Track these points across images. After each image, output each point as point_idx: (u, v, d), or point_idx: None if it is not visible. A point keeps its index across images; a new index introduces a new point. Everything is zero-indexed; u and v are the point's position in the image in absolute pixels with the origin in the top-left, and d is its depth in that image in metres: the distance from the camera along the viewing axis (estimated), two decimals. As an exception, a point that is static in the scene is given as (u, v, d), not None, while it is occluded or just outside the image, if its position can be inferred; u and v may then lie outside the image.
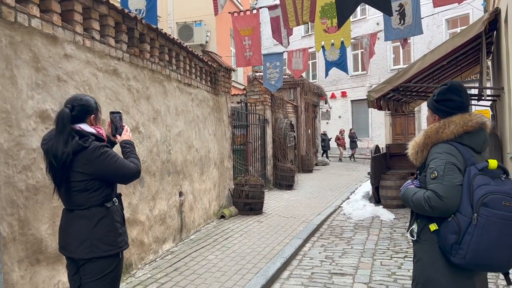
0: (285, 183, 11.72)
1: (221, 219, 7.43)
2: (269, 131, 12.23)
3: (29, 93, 3.05)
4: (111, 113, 2.73)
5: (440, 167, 2.13)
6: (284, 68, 10.35)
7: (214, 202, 7.40)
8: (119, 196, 2.61)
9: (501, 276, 4.42)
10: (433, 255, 2.22)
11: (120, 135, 2.69)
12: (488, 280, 4.02)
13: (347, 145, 21.71)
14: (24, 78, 3.00)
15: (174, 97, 5.79)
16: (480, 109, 14.77)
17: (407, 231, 2.42)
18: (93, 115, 2.50)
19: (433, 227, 2.19)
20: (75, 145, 2.31)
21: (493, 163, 2.11)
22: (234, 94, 12.35)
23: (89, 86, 3.78)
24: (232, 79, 8.79)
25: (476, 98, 10.51)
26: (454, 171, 2.11)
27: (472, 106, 16.72)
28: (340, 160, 21.18)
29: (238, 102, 10.79)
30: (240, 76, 17.98)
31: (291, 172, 11.80)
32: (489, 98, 9.84)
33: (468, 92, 15.93)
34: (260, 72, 14.11)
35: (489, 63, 11.57)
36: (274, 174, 12.10)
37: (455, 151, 2.17)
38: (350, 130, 21.93)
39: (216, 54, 8.48)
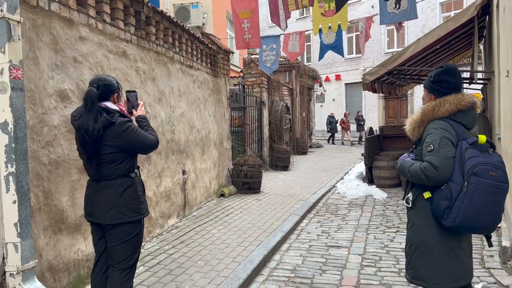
0: (281, 164, 12.01)
1: (221, 198, 7.70)
2: (265, 113, 12.45)
3: (50, 73, 3.25)
4: (127, 91, 2.95)
5: (436, 141, 2.37)
6: (279, 50, 10.49)
7: (214, 181, 7.66)
8: (138, 168, 2.85)
9: (486, 252, 4.77)
10: (426, 220, 2.48)
11: (136, 111, 2.92)
12: (474, 250, 4.36)
13: (353, 128, 21.39)
14: (45, 59, 3.20)
15: (177, 79, 5.98)
16: (472, 93, 15.08)
17: (403, 199, 2.68)
18: (116, 94, 2.73)
19: (427, 195, 2.45)
20: (104, 121, 2.53)
21: (482, 138, 2.37)
22: (231, 77, 12.49)
23: (101, 67, 3.98)
24: (230, 62, 8.95)
25: (468, 81, 10.77)
26: (448, 145, 2.36)
27: (464, 90, 17.00)
28: (343, 143, 20.89)
29: (235, 85, 10.97)
30: (236, 58, 18.06)
31: (286, 154, 12.08)
32: (480, 81, 10.13)
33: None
34: (255, 54, 14.22)
35: (482, 47, 11.78)
36: (270, 156, 12.37)
37: (449, 127, 2.41)
38: (358, 112, 21.68)
39: (215, 37, 8.62)
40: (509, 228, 4.68)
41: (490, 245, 2.56)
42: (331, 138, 21.65)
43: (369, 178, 9.41)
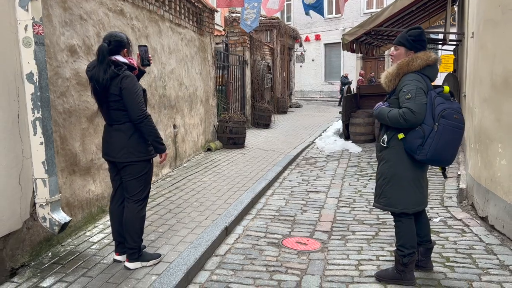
0: (263, 122, 12.49)
1: (208, 152, 8.18)
2: (248, 72, 12.76)
3: (61, 30, 3.55)
4: (139, 46, 3.31)
5: (412, 90, 2.87)
6: (260, 8, 10.63)
7: (201, 136, 8.10)
8: None
9: (446, 194, 5.44)
10: (400, 156, 3.00)
11: (149, 65, 3.29)
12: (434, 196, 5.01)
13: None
14: (56, 16, 3.49)
15: (167, 37, 6.26)
16: (446, 54, 15.64)
17: (379, 141, 3.18)
18: (126, 49, 3.09)
19: (401, 135, 2.95)
20: (111, 73, 2.92)
21: (446, 89, 2.92)
22: (215, 35, 12.64)
23: (103, 24, 4.26)
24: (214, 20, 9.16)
25: (441, 43, 11.26)
26: (422, 94, 2.87)
27: (439, 51, 17.58)
28: None
29: (218, 43, 11.17)
30: (218, 16, 18.02)
31: (268, 112, 12.55)
32: (452, 43, 10.64)
33: (435, 36, 16.56)
34: (237, 13, 14.29)
35: (456, 9, 12.22)
36: (252, 114, 12.81)
37: (421, 79, 2.93)
38: (370, 74, 21.62)
39: (200, -5, 8.77)
40: (466, 174, 5.34)
41: (445, 177, 3.16)
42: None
43: (346, 134, 10.02)
